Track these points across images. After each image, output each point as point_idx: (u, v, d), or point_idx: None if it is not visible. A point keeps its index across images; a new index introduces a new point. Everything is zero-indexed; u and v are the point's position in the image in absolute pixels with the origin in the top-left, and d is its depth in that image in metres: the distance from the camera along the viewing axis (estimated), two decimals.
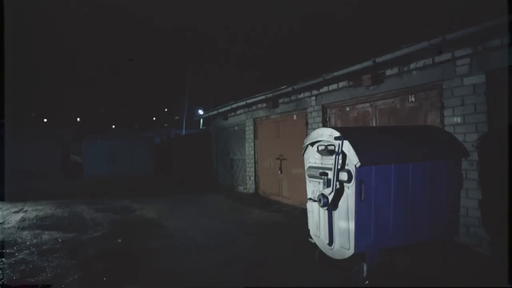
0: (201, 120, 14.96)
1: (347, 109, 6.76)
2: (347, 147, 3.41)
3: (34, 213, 8.35)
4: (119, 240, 5.67)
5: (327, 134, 3.72)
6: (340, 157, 3.48)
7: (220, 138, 12.77)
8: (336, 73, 6.36)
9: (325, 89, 7.18)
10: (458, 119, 4.61)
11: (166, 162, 19.23)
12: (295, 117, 8.36)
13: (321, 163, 3.90)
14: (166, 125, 46.04)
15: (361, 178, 3.37)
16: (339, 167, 3.48)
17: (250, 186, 10.36)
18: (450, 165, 3.78)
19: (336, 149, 3.49)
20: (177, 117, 45.31)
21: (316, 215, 4.01)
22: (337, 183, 3.50)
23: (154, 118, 54.46)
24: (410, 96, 5.44)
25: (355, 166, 3.32)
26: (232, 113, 11.50)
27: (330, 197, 3.57)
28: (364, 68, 5.79)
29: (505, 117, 4.10)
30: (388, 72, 5.66)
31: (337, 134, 3.50)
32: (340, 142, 3.44)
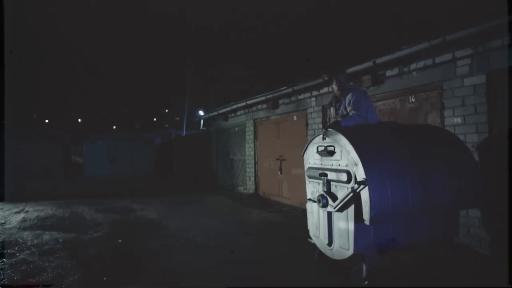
0: (202, 121, 15.00)
1: None
2: (365, 194, 3.19)
3: (35, 214, 8.37)
4: (120, 241, 5.67)
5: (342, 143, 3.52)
6: (353, 190, 3.29)
7: (221, 138, 12.78)
8: None
9: (325, 90, 7.18)
10: (458, 120, 4.61)
11: (167, 162, 19.24)
12: (295, 118, 8.37)
13: (321, 164, 3.89)
14: (166, 126, 46.07)
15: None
16: (348, 192, 3.37)
17: (250, 187, 10.37)
18: None
19: (355, 187, 3.27)
20: (178, 118, 45.35)
21: (315, 215, 4.01)
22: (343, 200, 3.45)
23: (154, 119, 54.50)
24: (410, 97, 5.44)
25: (363, 220, 3.22)
26: (232, 114, 11.51)
27: (335, 209, 3.56)
28: (364, 69, 5.80)
29: (505, 117, 4.10)
30: (388, 72, 5.66)
31: (362, 176, 3.19)
32: (362, 186, 3.21)
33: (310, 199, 4.12)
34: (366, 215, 3.18)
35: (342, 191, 3.52)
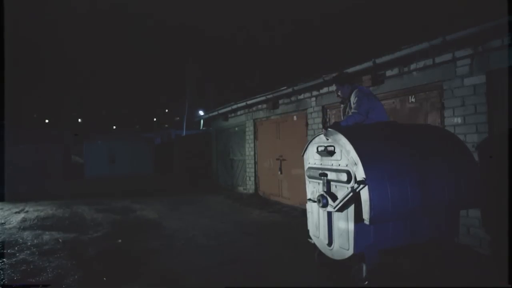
0: (202, 121, 14.99)
1: None
2: (365, 194, 3.18)
3: (35, 214, 8.37)
4: (120, 241, 5.67)
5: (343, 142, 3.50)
6: (353, 189, 3.27)
7: (221, 138, 12.79)
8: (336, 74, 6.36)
9: (325, 90, 7.18)
10: (458, 120, 4.61)
11: (167, 162, 19.22)
12: (295, 118, 8.37)
13: (321, 164, 3.89)
14: (166, 125, 46.06)
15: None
16: (348, 192, 3.35)
17: (250, 187, 10.37)
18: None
19: (355, 187, 3.25)
20: (178, 118, 45.33)
21: (315, 215, 4.01)
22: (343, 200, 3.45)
23: (154, 119, 54.50)
24: (410, 97, 5.44)
25: (363, 219, 3.21)
26: (233, 114, 11.51)
27: (335, 208, 3.56)
28: (364, 69, 5.79)
29: (505, 117, 4.10)
30: (389, 72, 5.66)
31: (362, 176, 3.20)
32: (362, 185, 3.20)
33: (310, 199, 4.12)
34: (366, 215, 3.18)
35: (342, 191, 3.52)
